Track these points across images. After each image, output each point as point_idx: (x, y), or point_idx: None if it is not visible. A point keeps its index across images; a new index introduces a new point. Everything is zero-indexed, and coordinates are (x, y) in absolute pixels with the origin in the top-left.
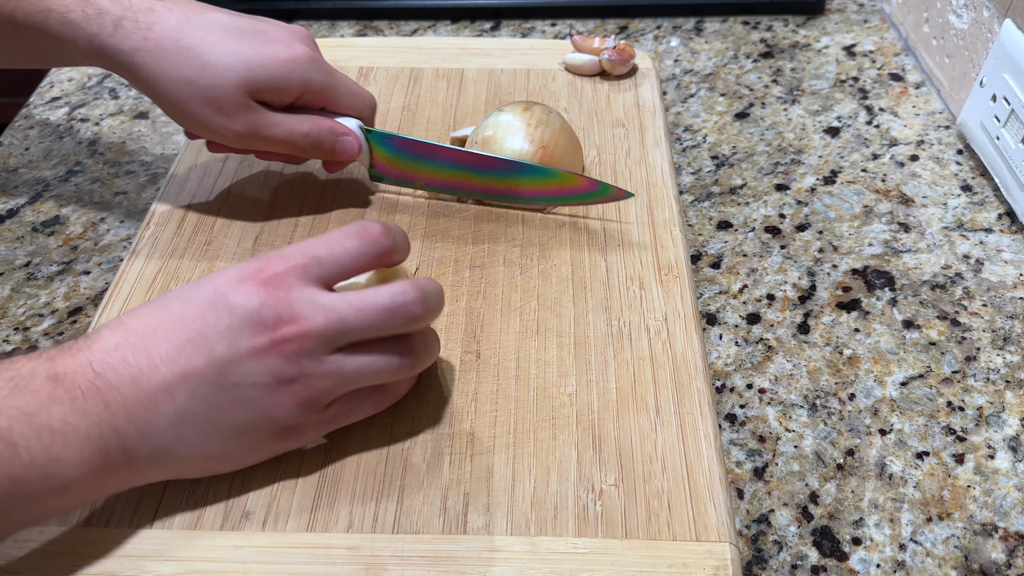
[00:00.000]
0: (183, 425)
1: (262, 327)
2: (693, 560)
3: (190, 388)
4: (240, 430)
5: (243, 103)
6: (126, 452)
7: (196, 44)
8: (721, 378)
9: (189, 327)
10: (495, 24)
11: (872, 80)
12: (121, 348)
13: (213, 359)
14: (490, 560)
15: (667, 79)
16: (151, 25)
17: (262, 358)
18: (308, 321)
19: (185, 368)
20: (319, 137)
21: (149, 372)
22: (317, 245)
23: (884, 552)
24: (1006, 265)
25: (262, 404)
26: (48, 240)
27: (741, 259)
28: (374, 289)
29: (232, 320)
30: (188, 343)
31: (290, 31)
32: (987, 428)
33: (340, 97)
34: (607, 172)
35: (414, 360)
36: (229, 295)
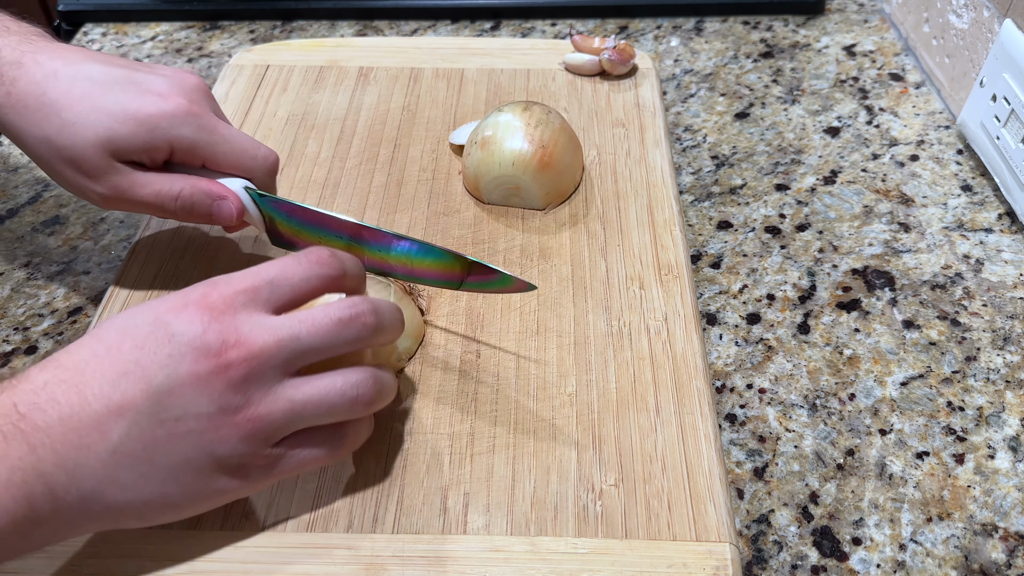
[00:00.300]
0: (117, 466)
1: (205, 352)
2: (693, 560)
3: (125, 423)
4: (179, 469)
5: (104, 164)
6: (54, 500)
7: (57, 100)
8: (721, 378)
9: (125, 358)
10: (495, 24)
11: (872, 80)
12: (50, 386)
13: (151, 390)
14: (490, 560)
15: (667, 79)
16: (14, 80)
17: (205, 386)
18: (256, 343)
19: (120, 402)
20: (191, 199)
21: (80, 409)
22: (267, 269)
23: (884, 552)
24: (1006, 265)
25: (203, 439)
26: (48, 240)
27: (741, 259)
28: (325, 305)
29: (173, 348)
30: (124, 376)
31: (174, 81)
32: (987, 428)
33: (219, 156)
34: (607, 172)
35: (372, 392)
36: (170, 322)
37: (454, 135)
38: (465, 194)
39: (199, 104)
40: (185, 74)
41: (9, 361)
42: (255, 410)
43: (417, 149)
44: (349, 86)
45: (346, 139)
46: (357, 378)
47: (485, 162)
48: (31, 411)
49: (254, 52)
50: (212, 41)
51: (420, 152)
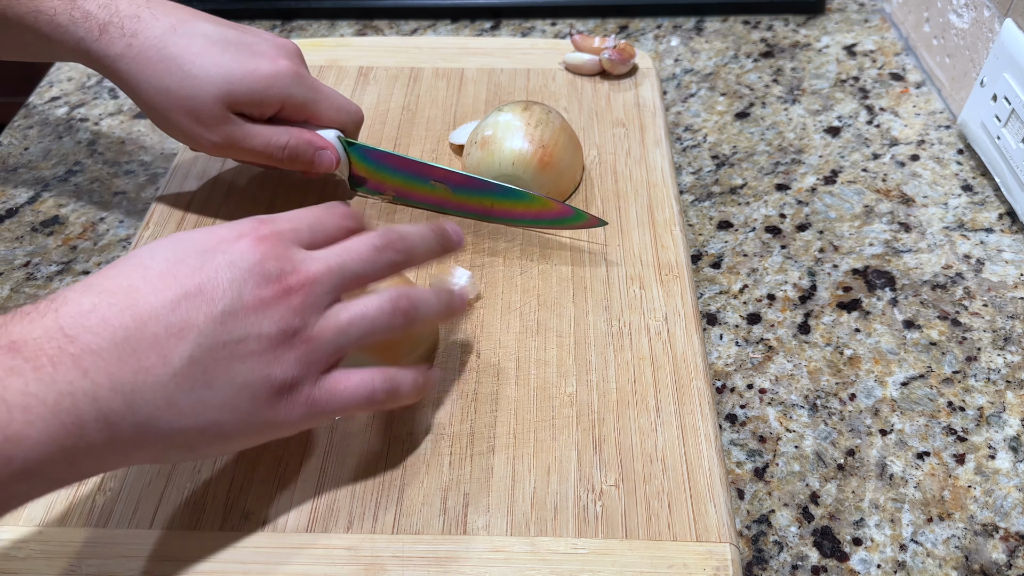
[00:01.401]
0: (177, 389)
1: (267, 278)
2: (693, 560)
3: (188, 345)
4: (237, 393)
5: (221, 115)
6: (108, 426)
7: (179, 54)
8: (721, 378)
9: (184, 283)
10: (495, 23)
11: (873, 80)
12: (99, 309)
13: (214, 312)
14: (490, 560)
15: (667, 79)
16: (136, 32)
17: (268, 309)
18: (311, 270)
19: (182, 324)
20: (297, 150)
21: (136, 332)
22: (302, 216)
23: (885, 552)
24: (1007, 265)
25: (262, 360)
26: (47, 240)
27: (741, 259)
28: (358, 237)
29: (234, 274)
30: (184, 299)
31: (277, 45)
32: (988, 428)
33: (322, 112)
34: (607, 172)
35: (409, 304)
36: (227, 250)
37: (454, 135)
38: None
39: (300, 66)
40: (284, 40)
41: None
42: (310, 332)
43: (417, 149)
44: (349, 86)
45: None
46: (392, 294)
47: (485, 162)
48: (81, 333)
49: None
50: None
51: (420, 152)
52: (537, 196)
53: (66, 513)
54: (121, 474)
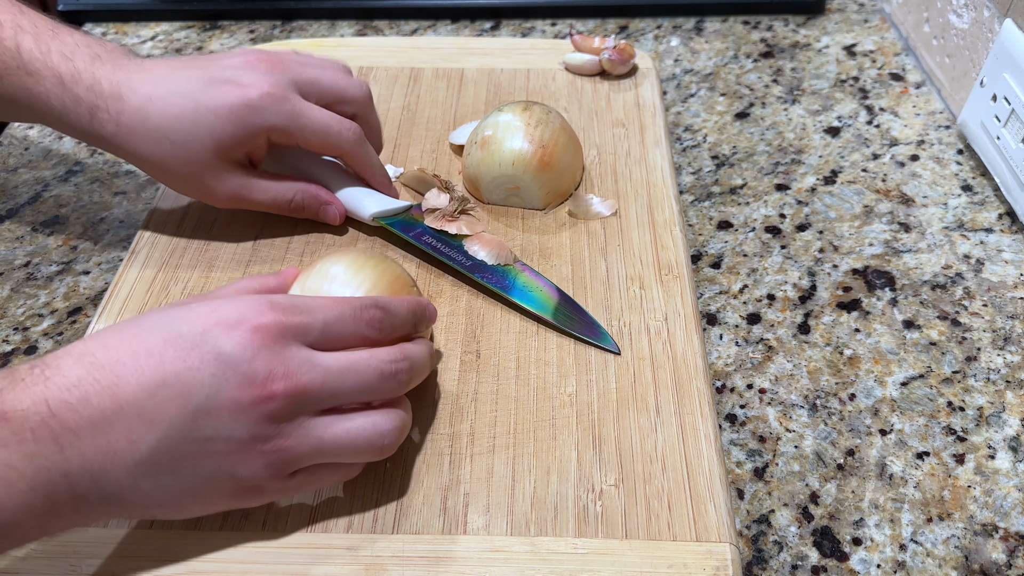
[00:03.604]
0: (141, 475)
1: (251, 380)
2: (693, 560)
3: (156, 436)
4: (199, 484)
5: (218, 168)
6: (75, 498)
7: (159, 125)
8: (721, 378)
9: (166, 368)
10: (495, 24)
11: (872, 80)
12: (83, 384)
13: (188, 407)
14: (490, 560)
15: (667, 79)
16: (120, 112)
17: (242, 413)
18: (302, 381)
19: (154, 414)
20: (303, 204)
21: (113, 415)
22: (321, 311)
23: (884, 552)
24: (1006, 265)
25: (229, 460)
26: (48, 240)
27: (741, 259)
28: (368, 353)
29: (218, 369)
30: (162, 386)
31: (245, 66)
32: (987, 428)
33: (309, 139)
34: (607, 172)
35: (397, 435)
36: (219, 339)
37: (454, 135)
38: (466, 194)
39: (280, 86)
40: (250, 55)
41: (9, 361)
42: (284, 442)
43: (417, 149)
44: None
45: None
46: (385, 425)
47: (485, 162)
48: (62, 410)
49: None
50: (212, 41)
51: (420, 152)
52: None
53: None
54: None
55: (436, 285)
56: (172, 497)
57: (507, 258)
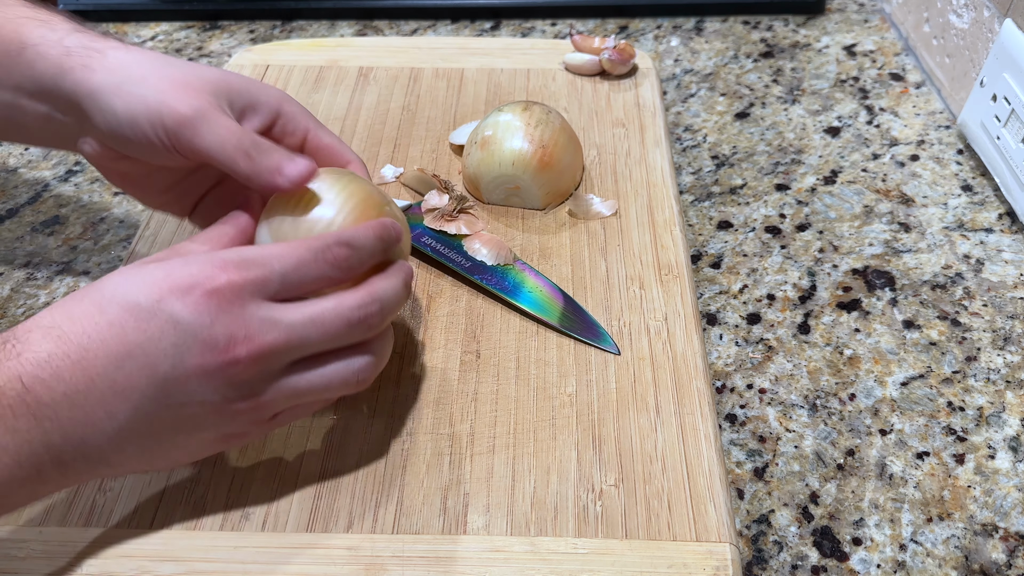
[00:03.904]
0: (123, 441)
1: (212, 347)
2: (693, 560)
3: (130, 405)
4: (183, 442)
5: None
6: (60, 465)
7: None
8: (721, 378)
9: (129, 339)
10: (495, 24)
11: (872, 80)
12: (54, 360)
13: (156, 377)
14: (490, 560)
15: (667, 79)
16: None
17: (210, 379)
18: (266, 341)
19: (125, 385)
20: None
21: (86, 389)
22: (280, 258)
23: (884, 552)
24: (1006, 265)
25: (207, 420)
26: (48, 240)
27: (741, 259)
28: (335, 299)
29: (178, 338)
30: (128, 358)
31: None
32: (987, 428)
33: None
34: (607, 172)
35: (371, 374)
36: (175, 307)
37: (454, 135)
38: (465, 194)
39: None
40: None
41: None
42: (258, 399)
43: (417, 149)
44: (349, 86)
45: (346, 139)
46: (359, 362)
47: (485, 162)
48: (35, 385)
49: (254, 52)
50: (212, 41)
51: (420, 152)
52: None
53: (66, 513)
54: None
55: (436, 285)
56: (158, 455)
57: (507, 258)
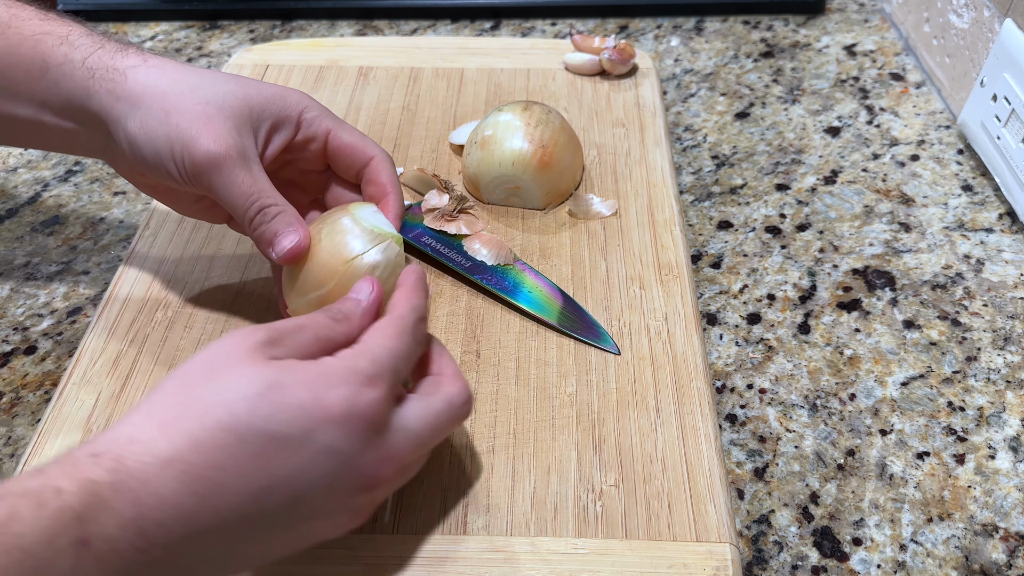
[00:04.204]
0: (238, 562)
1: (359, 471)
2: (693, 561)
3: (254, 533)
4: (285, 550)
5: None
6: None
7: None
8: (721, 378)
9: (273, 472)
10: (495, 23)
11: (873, 80)
12: (179, 499)
13: (297, 504)
14: (490, 560)
15: (667, 79)
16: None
17: (354, 497)
18: (402, 453)
19: (258, 519)
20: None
21: (212, 528)
22: (387, 355)
23: (885, 552)
24: (1007, 265)
25: (340, 523)
26: (47, 240)
27: (741, 259)
28: (445, 403)
29: (331, 467)
30: (269, 493)
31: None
32: (988, 428)
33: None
34: (607, 172)
35: (469, 403)
36: (332, 438)
37: (454, 135)
38: (465, 194)
39: None
40: None
41: (8, 361)
42: (383, 492)
43: (417, 149)
44: (349, 86)
45: None
46: (459, 398)
47: (485, 162)
48: (156, 531)
49: (254, 52)
50: (212, 41)
51: (420, 152)
52: (563, 295)
53: None
54: None
55: (436, 285)
56: (268, 557)
57: (507, 258)
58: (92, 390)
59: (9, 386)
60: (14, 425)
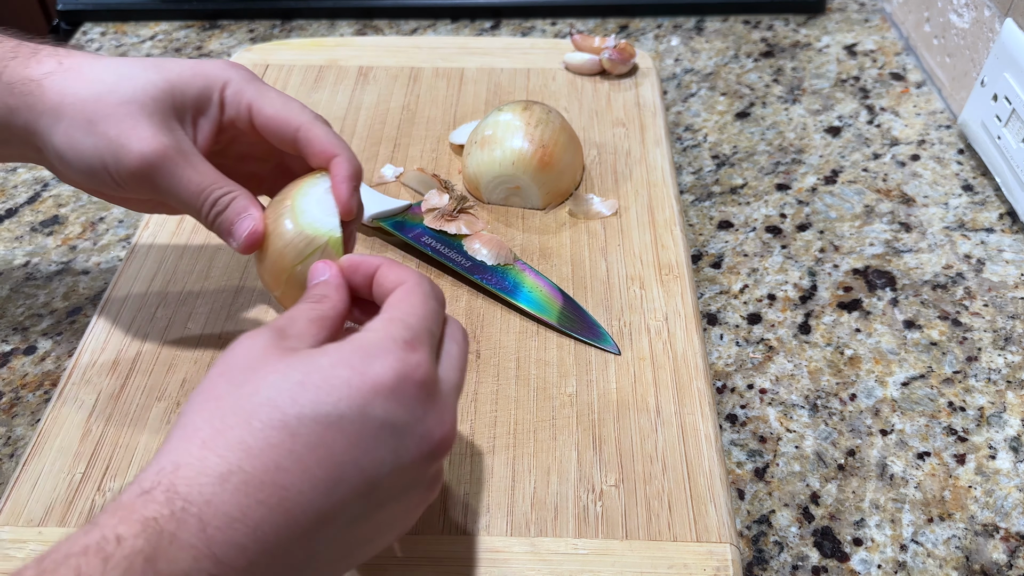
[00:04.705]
0: (321, 563)
1: (427, 438)
2: (694, 561)
3: (332, 529)
4: (383, 536)
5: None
6: None
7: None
8: (722, 378)
9: (338, 459)
10: (495, 23)
11: (873, 79)
12: (248, 514)
13: (371, 488)
14: (490, 561)
15: (667, 78)
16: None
17: (425, 466)
18: (456, 405)
19: (331, 510)
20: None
21: (287, 531)
22: (424, 317)
23: (885, 553)
24: (1007, 265)
25: (412, 505)
26: (47, 240)
27: (742, 259)
28: (456, 344)
29: (396, 441)
30: (340, 483)
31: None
32: (988, 428)
33: (266, 106)
34: (607, 171)
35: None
36: (389, 409)
37: (454, 135)
38: (465, 194)
39: (249, 70)
40: None
41: (8, 361)
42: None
43: (417, 148)
44: (349, 85)
45: (346, 138)
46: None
47: (485, 161)
48: (229, 554)
49: (253, 51)
50: (211, 40)
51: (420, 152)
52: (562, 293)
53: (65, 513)
54: (119, 475)
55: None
56: (354, 559)
57: (507, 257)
58: (92, 390)
59: (9, 386)
60: (13, 425)
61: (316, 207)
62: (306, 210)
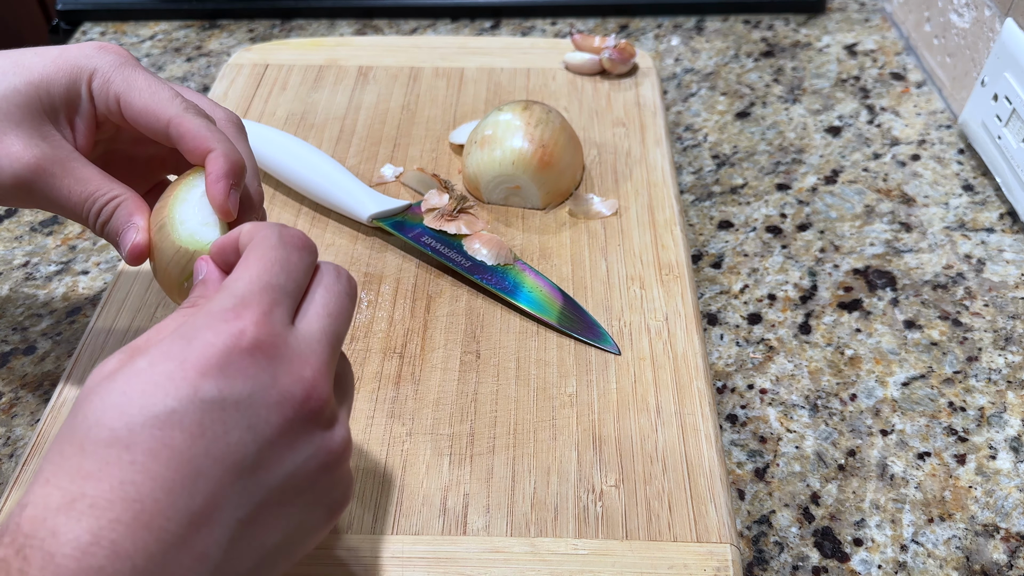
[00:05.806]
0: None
1: (287, 399)
2: (694, 561)
3: (219, 528)
4: (289, 541)
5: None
6: None
7: None
8: (722, 378)
9: (187, 455)
10: (495, 23)
11: (873, 79)
12: (103, 536)
13: (242, 474)
14: (490, 561)
15: (668, 78)
16: None
17: (297, 433)
18: (321, 356)
19: (203, 507)
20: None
21: (159, 543)
22: (272, 273)
23: (885, 553)
24: (1008, 265)
25: (305, 492)
26: (47, 240)
27: (742, 259)
28: (324, 289)
29: (247, 417)
30: (198, 477)
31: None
32: (989, 428)
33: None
34: (607, 171)
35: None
36: (224, 387)
37: (454, 134)
38: (465, 194)
39: (122, 53)
40: None
41: (7, 361)
42: (341, 417)
43: (417, 148)
44: (348, 85)
45: (345, 138)
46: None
47: (485, 161)
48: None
49: (253, 51)
50: (211, 40)
51: (420, 151)
52: (561, 293)
53: None
54: None
55: (436, 285)
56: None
57: (507, 257)
58: None
59: (8, 386)
60: (13, 425)
61: (194, 215)
62: (184, 220)
